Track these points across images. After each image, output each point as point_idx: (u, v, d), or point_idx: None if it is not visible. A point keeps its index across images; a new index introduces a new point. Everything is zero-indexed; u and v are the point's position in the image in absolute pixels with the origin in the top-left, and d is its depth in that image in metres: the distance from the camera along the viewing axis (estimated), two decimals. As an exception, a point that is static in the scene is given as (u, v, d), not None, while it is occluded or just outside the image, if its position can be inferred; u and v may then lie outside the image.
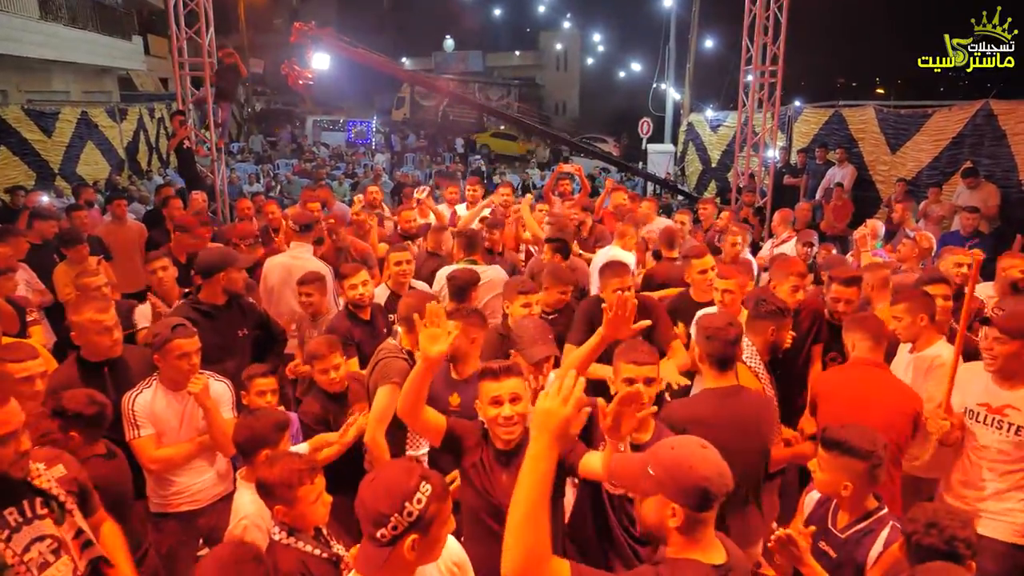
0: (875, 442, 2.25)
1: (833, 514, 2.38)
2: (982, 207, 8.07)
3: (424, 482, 1.70)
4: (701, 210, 7.43)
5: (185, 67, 9.35)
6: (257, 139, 25.08)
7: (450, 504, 1.79)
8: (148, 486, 3.12)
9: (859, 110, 11.06)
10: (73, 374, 3.16)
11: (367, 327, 4.12)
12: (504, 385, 2.38)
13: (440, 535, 1.77)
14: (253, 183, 15.85)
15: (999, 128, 8.75)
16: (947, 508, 1.97)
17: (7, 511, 2.01)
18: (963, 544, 1.85)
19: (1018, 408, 2.98)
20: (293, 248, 5.08)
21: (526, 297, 3.71)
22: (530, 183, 18.47)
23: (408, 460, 1.89)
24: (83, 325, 3.16)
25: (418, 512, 1.67)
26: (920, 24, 31.11)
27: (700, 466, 1.63)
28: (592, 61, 39.40)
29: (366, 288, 4.10)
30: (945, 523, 1.88)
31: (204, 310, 3.93)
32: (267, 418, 2.69)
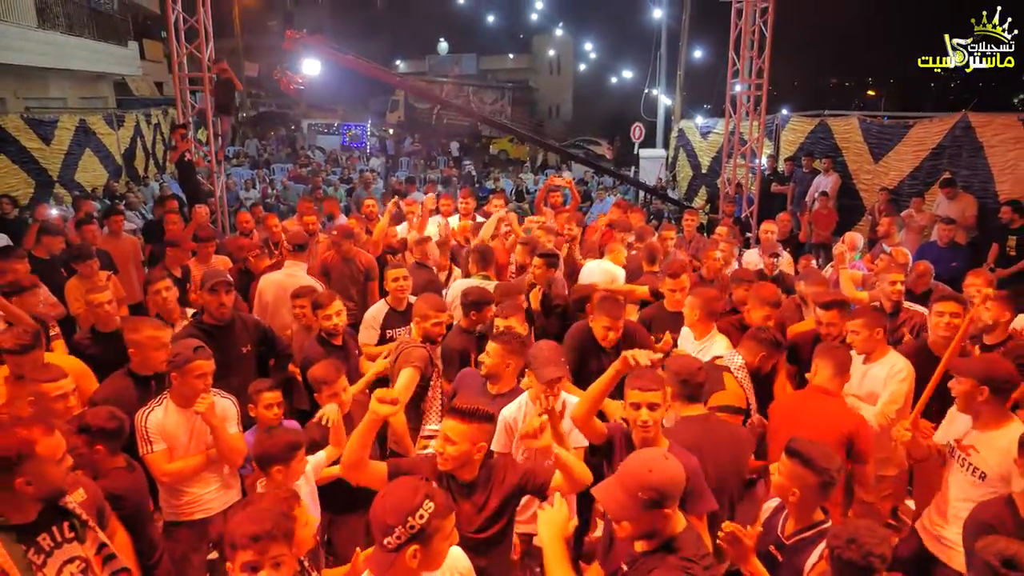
0: (832, 462, 2.46)
1: (784, 521, 2.60)
2: (960, 217, 8.35)
3: (428, 500, 1.95)
4: (686, 222, 7.60)
5: (185, 81, 9.53)
6: (252, 143, 25.23)
7: (452, 520, 2.02)
8: (161, 497, 3.33)
9: (843, 120, 11.34)
10: (124, 385, 3.49)
11: (339, 351, 4.24)
12: (467, 428, 2.53)
13: (441, 548, 2.00)
14: (249, 189, 16.02)
15: (976, 140, 9.02)
16: (868, 525, 2.16)
17: (40, 537, 2.18)
18: (878, 560, 2.05)
19: (979, 451, 3.03)
20: (288, 266, 5.33)
21: (503, 320, 3.90)
22: (523, 188, 18.68)
23: (418, 480, 2.10)
24: (142, 342, 3.50)
25: (420, 526, 1.92)
26: (914, 25, 31.43)
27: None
28: (585, 67, 39.63)
29: (340, 318, 4.25)
30: (864, 539, 2.08)
31: (207, 329, 4.14)
32: (281, 437, 2.91)
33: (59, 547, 2.22)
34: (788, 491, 2.49)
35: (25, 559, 2.11)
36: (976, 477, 3.03)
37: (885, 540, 2.09)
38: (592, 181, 18.91)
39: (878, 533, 2.10)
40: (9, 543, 2.10)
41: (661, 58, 18.79)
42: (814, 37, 29.11)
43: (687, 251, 6.84)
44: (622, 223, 6.99)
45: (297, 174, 18.39)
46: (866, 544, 2.06)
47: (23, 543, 2.13)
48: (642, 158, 17.66)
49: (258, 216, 7.95)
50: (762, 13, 9.90)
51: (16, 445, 2.09)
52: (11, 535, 2.12)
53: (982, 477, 3.00)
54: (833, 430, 3.17)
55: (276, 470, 2.83)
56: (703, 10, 15.88)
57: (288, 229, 6.25)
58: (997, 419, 3.02)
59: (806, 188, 11.05)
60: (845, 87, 47.68)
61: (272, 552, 2.00)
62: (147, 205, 12.91)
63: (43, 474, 2.13)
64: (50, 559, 2.18)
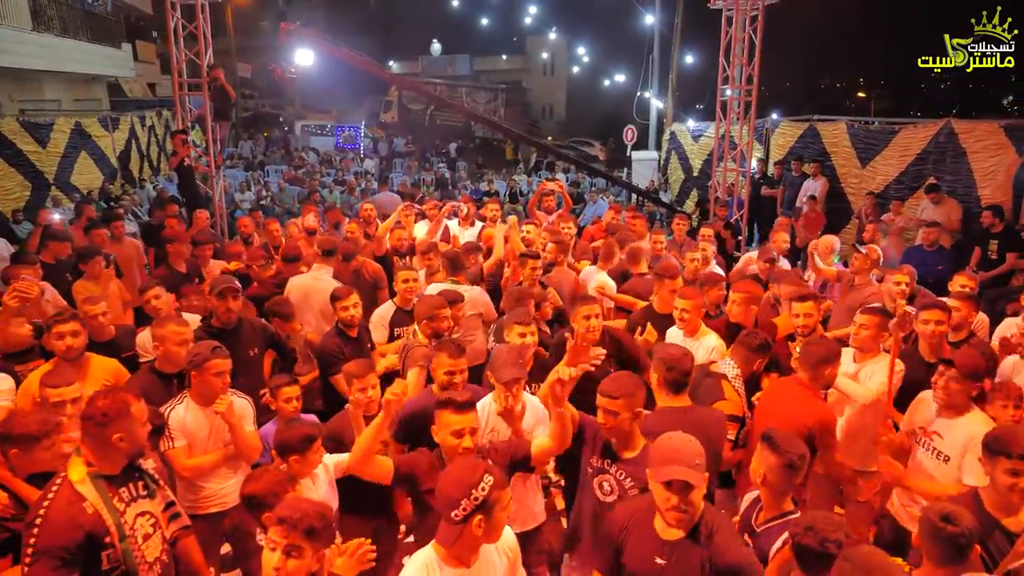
0: (795, 446, 2.65)
1: (757, 512, 2.79)
2: (944, 222, 8.56)
3: (487, 474, 2.21)
4: (676, 226, 7.80)
5: (184, 87, 9.66)
6: (246, 144, 25.29)
7: (508, 492, 2.27)
8: (179, 491, 3.48)
9: (832, 124, 11.56)
10: (150, 382, 3.69)
11: (354, 343, 4.56)
12: (467, 418, 2.77)
13: (501, 518, 2.25)
14: (244, 191, 16.13)
15: (960, 146, 9.24)
16: (824, 515, 2.33)
17: (123, 488, 2.56)
18: (833, 545, 2.22)
19: (943, 437, 3.34)
20: (315, 270, 5.58)
21: (522, 327, 4.01)
22: (517, 190, 18.85)
23: (475, 459, 2.39)
24: (165, 336, 3.72)
25: (483, 497, 2.18)
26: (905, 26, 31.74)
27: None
28: (578, 69, 39.91)
29: (356, 310, 4.55)
30: (820, 527, 2.25)
31: (215, 333, 4.29)
32: (299, 429, 3.11)
33: (135, 500, 2.59)
34: (759, 474, 2.68)
35: (111, 504, 2.47)
36: (940, 460, 3.34)
37: (840, 528, 2.26)
38: (585, 182, 19.11)
39: (834, 521, 2.28)
40: (100, 489, 2.47)
41: (653, 62, 19.02)
42: (806, 39, 29.45)
43: (678, 254, 7.01)
44: (619, 227, 7.19)
45: (292, 176, 18.48)
46: (822, 531, 2.24)
47: (112, 490, 2.50)
48: (634, 160, 17.87)
49: (258, 220, 8.08)
50: (752, 21, 10.12)
51: (117, 405, 2.50)
52: (101, 483, 2.48)
53: (946, 460, 3.31)
54: (797, 421, 3.33)
55: (293, 459, 3.03)
56: (695, 16, 16.11)
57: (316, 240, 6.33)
58: (960, 409, 3.33)
59: (796, 192, 11.26)
60: (836, 88, 48.17)
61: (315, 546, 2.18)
62: (143, 208, 13.03)
63: (133, 432, 2.54)
64: (128, 508, 2.54)
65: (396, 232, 6.69)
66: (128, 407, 2.52)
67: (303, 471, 3.08)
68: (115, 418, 2.48)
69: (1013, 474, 2.54)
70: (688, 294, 4.41)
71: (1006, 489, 2.56)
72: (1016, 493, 2.56)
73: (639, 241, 6.75)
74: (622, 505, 2.71)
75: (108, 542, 2.41)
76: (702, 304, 4.45)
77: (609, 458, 3.02)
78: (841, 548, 2.22)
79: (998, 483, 2.59)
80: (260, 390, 4.15)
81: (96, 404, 2.50)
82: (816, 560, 2.26)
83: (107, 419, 2.47)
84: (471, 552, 2.29)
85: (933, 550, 2.27)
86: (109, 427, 2.48)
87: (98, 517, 2.40)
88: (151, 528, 2.60)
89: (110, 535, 2.41)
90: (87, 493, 2.43)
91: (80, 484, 2.44)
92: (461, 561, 2.28)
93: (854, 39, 36.21)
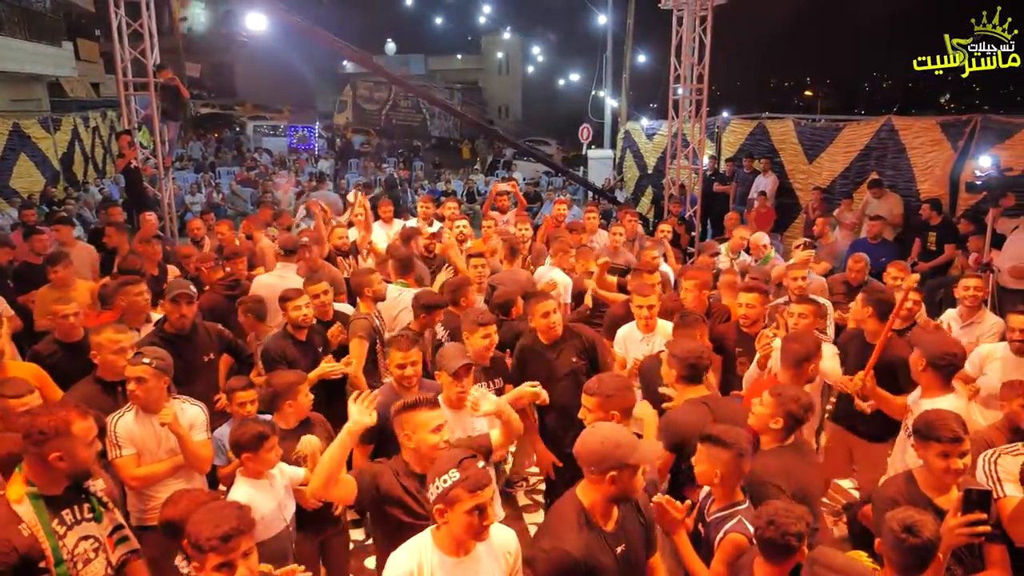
0: (739, 436, 2.74)
1: (709, 504, 2.87)
2: (887, 215, 8.89)
3: (455, 470, 2.23)
4: (626, 222, 7.89)
5: (130, 87, 9.39)
6: (196, 146, 24.71)
7: (480, 497, 2.22)
8: (129, 501, 3.41)
9: (780, 122, 11.86)
10: (92, 391, 3.57)
11: (302, 347, 4.41)
12: (439, 414, 2.77)
13: (466, 519, 2.23)
14: (195, 193, 15.78)
15: (900, 142, 9.59)
16: (785, 507, 2.40)
17: (64, 511, 2.45)
18: (794, 538, 2.31)
19: (913, 412, 3.44)
20: (279, 268, 5.57)
21: (485, 329, 3.98)
22: (475, 189, 18.86)
23: (463, 453, 2.35)
24: (101, 344, 3.59)
25: (443, 489, 2.22)
26: (853, 27, 32.75)
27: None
28: (533, 68, 40.08)
29: (308, 310, 4.43)
30: (780, 520, 2.32)
31: (169, 337, 4.21)
32: (251, 427, 3.09)
33: (79, 524, 2.49)
34: (712, 475, 2.74)
35: (50, 527, 2.38)
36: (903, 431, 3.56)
37: (801, 519, 2.34)
38: (543, 181, 19.22)
39: (794, 513, 2.36)
40: (39, 510, 2.38)
41: (607, 61, 19.22)
42: (757, 39, 30.16)
43: (631, 250, 7.12)
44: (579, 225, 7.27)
45: (245, 177, 18.14)
46: (783, 524, 2.32)
47: (50, 512, 2.41)
48: (591, 159, 18.04)
49: (209, 223, 7.92)
50: (701, 21, 10.31)
51: (54, 422, 2.39)
52: (41, 503, 2.40)
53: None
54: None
55: (247, 457, 3.05)
56: (646, 16, 16.32)
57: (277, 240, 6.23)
58: (937, 389, 3.42)
59: (747, 188, 11.54)
60: (784, 87, 49.52)
61: (242, 547, 2.18)
62: (89, 211, 12.63)
63: (74, 452, 2.42)
64: (70, 532, 2.44)
65: (337, 231, 6.60)
66: (68, 426, 2.40)
67: (258, 469, 3.08)
68: (52, 437, 2.37)
69: (944, 456, 2.66)
70: (646, 291, 4.52)
71: (940, 471, 2.68)
72: (950, 474, 2.68)
73: (591, 236, 6.90)
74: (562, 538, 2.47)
75: (43, 567, 2.33)
76: (664, 306, 4.60)
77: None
78: (802, 540, 2.32)
79: (932, 466, 2.71)
80: (215, 396, 4.09)
81: (34, 421, 2.40)
82: (779, 551, 2.35)
83: (44, 437, 2.37)
84: (459, 542, 2.29)
85: (896, 558, 2.32)
86: (46, 446, 2.37)
87: (34, 540, 2.33)
88: (93, 553, 2.50)
89: (46, 559, 2.34)
90: (24, 514, 2.35)
91: (17, 504, 2.36)
92: (452, 548, 2.29)
93: (808, 40, 37.29)
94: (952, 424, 2.67)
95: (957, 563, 2.66)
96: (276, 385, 3.50)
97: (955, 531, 2.37)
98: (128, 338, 3.70)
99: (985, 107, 17.83)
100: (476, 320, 4.00)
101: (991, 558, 2.65)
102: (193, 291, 4.40)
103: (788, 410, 2.98)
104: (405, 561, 2.30)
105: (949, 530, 2.39)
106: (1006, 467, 2.87)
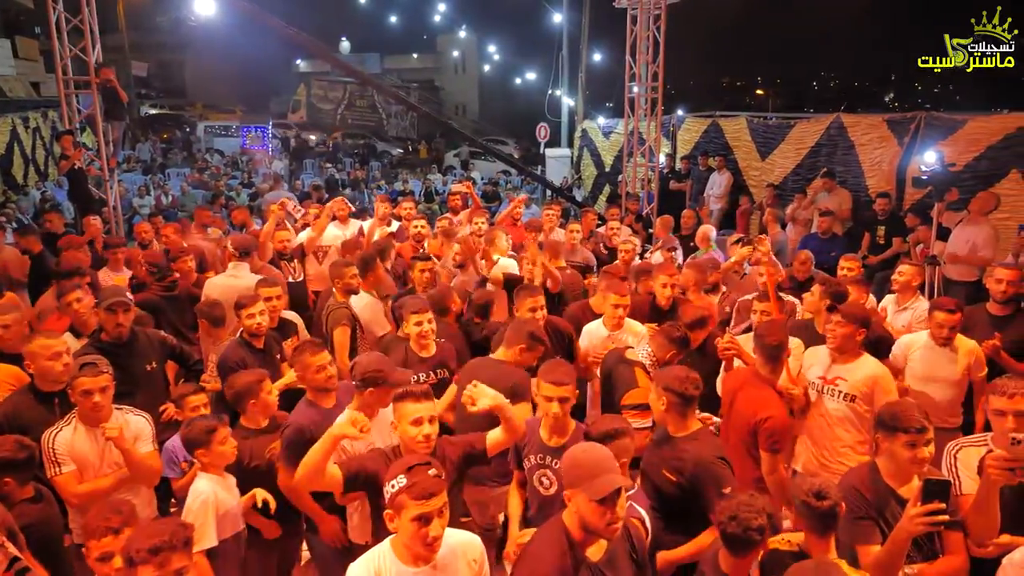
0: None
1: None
2: (837, 210, 9.10)
3: (403, 476, 2.19)
4: (585, 220, 7.94)
5: (71, 85, 9.02)
6: (145, 147, 23.97)
7: (431, 504, 2.15)
8: (71, 518, 3.23)
9: (733, 120, 12.07)
10: (26, 403, 3.37)
11: (261, 355, 4.27)
12: (426, 407, 2.73)
13: (411, 526, 2.17)
14: (143, 195, 15.29)
15: (848, 139, 9.85)
16: (746, 501, 2.42)
17: None
18: (756, 532, 2.34)
19: (845, 379, 3.75)
20: (232, 268, 5.42)
21: (418, 316, 4.02)
22: (432, 189, 18.72)
23: (421, 458, 2.28)
24: (35, 352, 3.40)
25: (391, 494, 2.20)
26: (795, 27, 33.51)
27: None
28: (489, 67, 40.00)
29: (263, 318, 4.28)
30: (743, 515, 2.35)
31: (105, 347, 3.98)
32: (197, 424, 3.08)
33: None
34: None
35: None
36: (847, 401, 3.74)
37: (762, 513, 2.36)
38: (502, 180, 19.19)
39: (755, 507, 2.38)
40: None
41: (563, 60, 19.27)
42: (712, 38, 30.65)
43: (591, 247, 7.14)
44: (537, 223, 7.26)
45: (197, 179, 17.66)
46: (744, 519, 2.35)
47: None
48: (548, 157, 18.07)
49: (157, 226, 7.66)
50: (655, 20, 10.40)
51: None
52: None
53: (852, 399, 3.72)
54: (749, 414, 3.49)
55: (200, 453, 3.03)
56: (602, 14, 16.39)
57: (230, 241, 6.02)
58: (853, 352, 3.80)
59: (702, 185, 11.72)
60: (737, 86, 50.51)
61: (174, 564, 2.09)
62: (28, 215, 12.13)
63: None
64: None
65: (280, 234, 6.38)
66: None
67: (214, 464, 3.05)
68: None
69: (911, 446, 2.70)
70: (623, 290, 4.53)
71: (907, 461, 2.72)
72: (916, 463, 2.72)
73: (550, 233, 6.88)
74: (542, 559, 2.35)
75: None
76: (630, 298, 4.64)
77: (543, 452, 3.06)
78: (763, 533, 2.34)
79: (898, 456, 2.74)
80: (161, 406, 3.92)
81: None
82: (742, 545, 2.38)
83: None
84: (414, 552, 2.20)
85: (811, 524, 2.47)
86: None
87: None
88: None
89: None
90: None
91: None
92: (409, 558, 2.21)
93: (760, 39, 38.04)
94: (917, 415, 2.73)
95: (916, 550, 2.73)
96: (238, 386, 3.39)
97: (915, 520, 2.40)
98: (62, 343, 3.50)
99: (927, 106, 18.35)
100: (410, 308, 4.05)
101: (949, 545, 2.72)
102: (129, 299, 4.21)
103: (667, 386, 3.02)
104: (363, 571, 2.23)
105: (910, 519, 2.42)
106: (966, 461, 2.94)
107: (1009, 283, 4.55)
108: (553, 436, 3.06)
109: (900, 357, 4.35)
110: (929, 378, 4.21)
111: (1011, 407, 2.86)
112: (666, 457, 3.05)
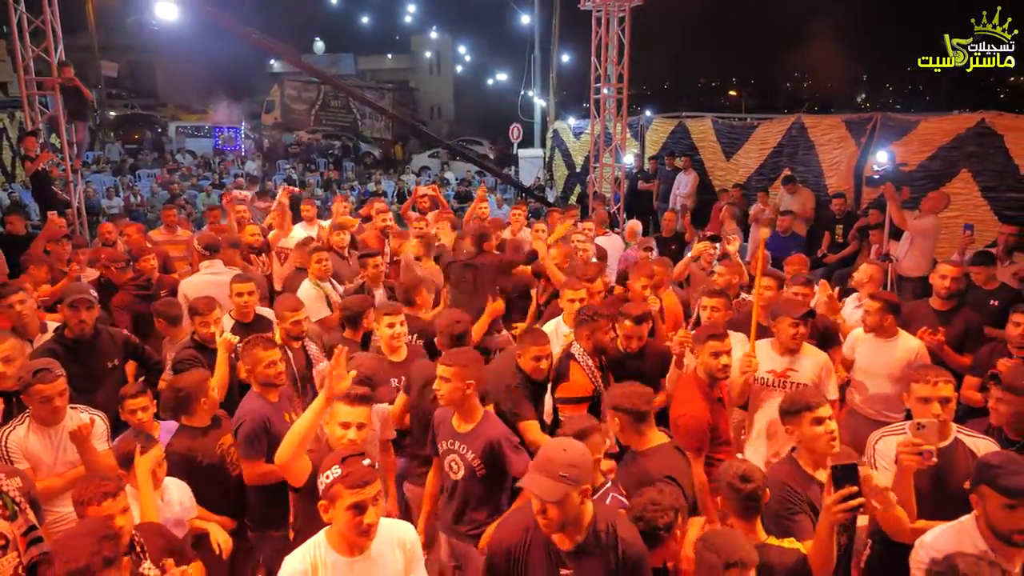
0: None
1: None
2: (800, 210, 9.30)
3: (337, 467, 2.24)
4: (551, 218, 8.04)
5: (32, 86, 8.95)
6: (114, 147, 23.66)
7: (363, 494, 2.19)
8: (26, 517, 3.27)
9: (699, 121, 12.26)
10: None
11: (214, 355, 4.24)
12: (356, 412, 2.80)
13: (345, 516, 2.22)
14: (112, 196, 15.12)
15: (809, 139, 10.08)
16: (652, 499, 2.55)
17: None
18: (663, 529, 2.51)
19: (796, 370, 3.95)
20: (206, 267, 5.46)
21: (390, 318, 4.05)
22: (405, 190, 18.73)
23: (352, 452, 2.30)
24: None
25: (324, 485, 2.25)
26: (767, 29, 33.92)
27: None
28: (463, 68, 40.04)
29: (216, 327, 4.30)
30: (648, 515, 2.50)
31: (68, 344, 4.05)
32: (121, 447, 3.07)
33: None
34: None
35: None
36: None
37: (666, 511, 2.49)
38: (475, 180, 19.26)
39: (661, 505, 2.51)
40: None
41: (535, 61, 19.42)
42: (683, 40, 30.94)
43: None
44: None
45: (167, 180, 17.50)
46: (651, 519, 2.50)
47: None
48: (521, 158, 18.21)
49: (121, 227, 7.62)
50: (620, 21, 10.56)
51: None
52: None
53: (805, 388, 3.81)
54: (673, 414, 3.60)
55: (121, 474, 2.98)
56: (571, 16, 16.56)
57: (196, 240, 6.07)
58: (799, 347, 3.99)
59: (670, 185, 11.88)
60: (712, 87, 51.02)
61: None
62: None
63: None
64: None
65: (249, 229, 6.49)
66: None
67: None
68: None
69: (817, 423, 2.84)
70: (579, 286, 4.62)
71: (819, 438, 2.82)
72: (825, 439, 2.82)
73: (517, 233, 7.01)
74: (506, 526, 2.57)
75: None
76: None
77: (453, 437, 3.19)
78: (670, 529, 2.48)
79: (807, 436, 2.86)
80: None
81: None
82: (650, 542, 2.49)
83: None
84: (350, 542, 2.25)
85: (737, 507, 2.55)
86: None
87: None
88: (1, 551, 2.45)
89: None
90: None
91: None
92: (344, 548, 2.26)
93: (732, 40, 38.45)
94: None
95: (843, 531, 2.79)
96: (188, 386, 3.42)
97: (833, 510, 2.45)
98: (10, 345, 3.52)
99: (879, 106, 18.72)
100: (382, 310, 4.14)
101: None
102: (93, 295, 4.23)
103: (616, 406, 3.02)
104: (298, 563, 2.26)
105: (827, 510, 2.48)
106: (884, 451, 3.03)
107: (953, 279, 4.67)
108: (462, 423, 3.21)
109: (850, 349, 4.48)
110: (868, 371, 4.33)
111: (935, 394, 3.00)
112: (634, 473, 3.04)
